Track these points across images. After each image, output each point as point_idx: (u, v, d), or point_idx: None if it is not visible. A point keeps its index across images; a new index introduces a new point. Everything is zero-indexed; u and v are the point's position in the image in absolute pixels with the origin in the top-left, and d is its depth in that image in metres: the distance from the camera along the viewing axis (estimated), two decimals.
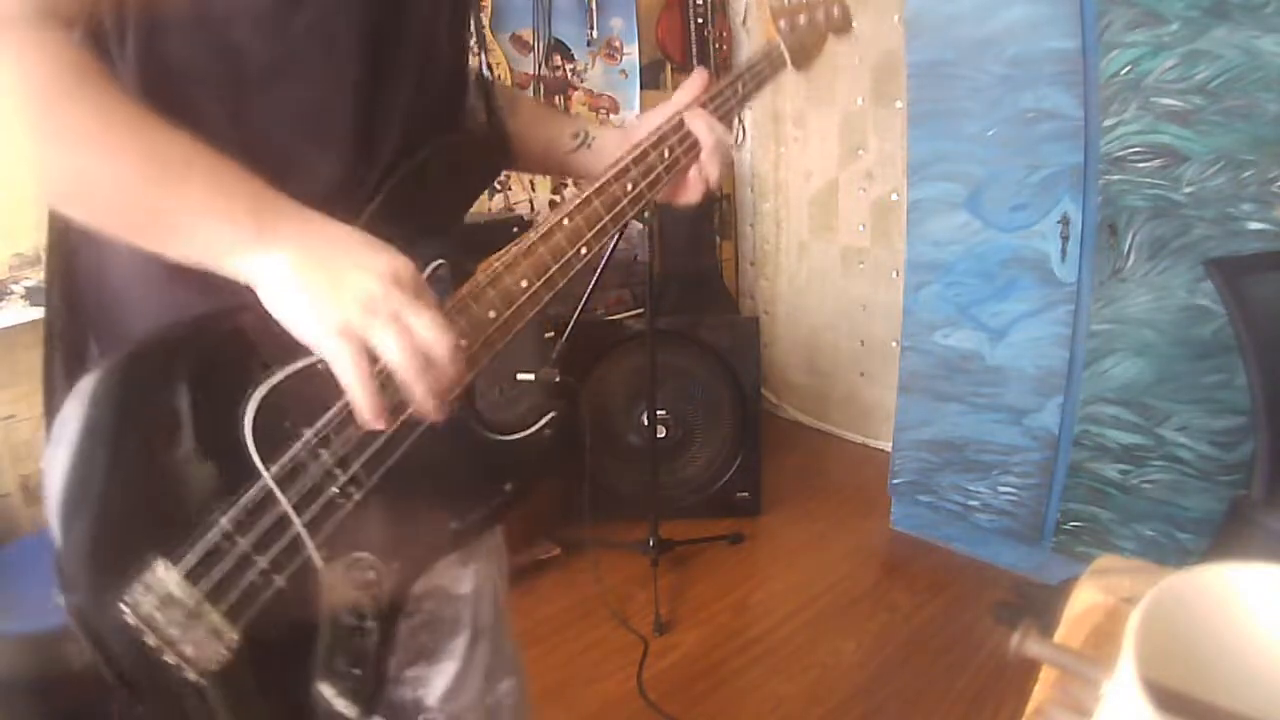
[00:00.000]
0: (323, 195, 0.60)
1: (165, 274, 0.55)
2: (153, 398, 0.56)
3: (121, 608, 0.54)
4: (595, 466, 2.32)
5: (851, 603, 2.12)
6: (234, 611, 0.57)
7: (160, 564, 0.55)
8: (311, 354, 0.55)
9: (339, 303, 0.52)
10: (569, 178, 0.83)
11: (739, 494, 2.49)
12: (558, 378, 0.75)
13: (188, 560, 0.55)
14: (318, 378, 0.56)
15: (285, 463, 0.58)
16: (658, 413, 2.22)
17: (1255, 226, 1.62)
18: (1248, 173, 1.61)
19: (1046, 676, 0.49)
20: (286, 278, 0.52)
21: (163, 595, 0.54)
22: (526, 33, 2.59)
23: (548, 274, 0.66)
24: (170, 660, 0.55)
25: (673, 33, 2.97)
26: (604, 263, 1.95)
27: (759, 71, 0.85)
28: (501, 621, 0.86)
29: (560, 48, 2.70)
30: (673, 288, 2.73)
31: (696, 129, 0.76)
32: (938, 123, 2.10)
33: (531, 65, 2.62)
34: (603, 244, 0.71)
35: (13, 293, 1.79)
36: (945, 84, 2.05)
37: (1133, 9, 1.67)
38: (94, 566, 0.54)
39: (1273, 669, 0.38)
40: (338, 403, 0.59)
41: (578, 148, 0.85)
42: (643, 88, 2.91)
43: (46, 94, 0.50)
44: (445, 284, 0.64)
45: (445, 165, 0.69)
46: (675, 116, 0.76)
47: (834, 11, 0.90)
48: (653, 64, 2.97)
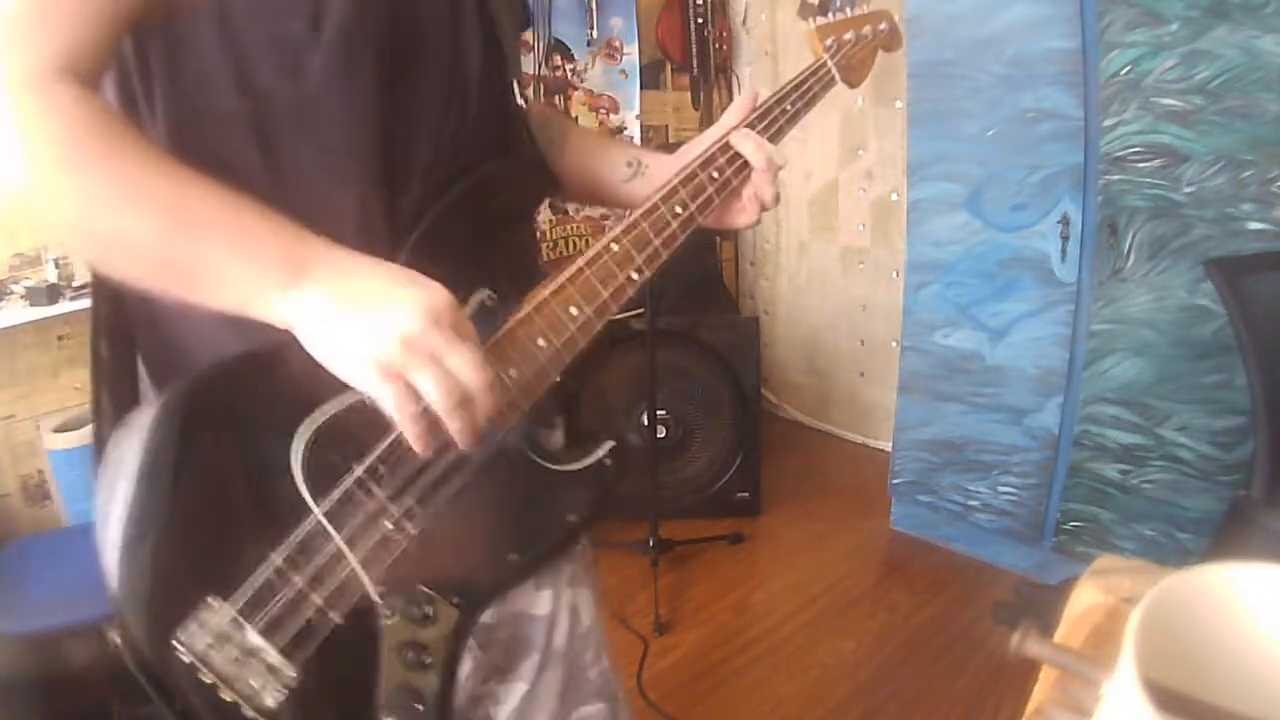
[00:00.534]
0: (360, 231, 0.59)
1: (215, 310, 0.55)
2: (211, 434, 0.56)
3: (176, 646, 0.53)
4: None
5: (851, 603, 2.12)
6: (291, 649, 0.56)
7: (214, 601, 0.54)
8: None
9: (377, 343, 0.52)
10: (621, 209, 0.83)
11: (739, 494, 2.49)
12: (557, 378, 0.75)
13: (240, 596, 0.55)
14: (368, 412, 0.56)
15: (335, 497, 0.58)
16: (658, 413, 2.22)
17: (1255, 226, 1.62)
18: (1248, 173, 1.61)
19: (1046, 676, 0.49)
20: (323, 321, 0.52)
21: (217, 633, 0.54)
22: (526, 33, 2.59)
23: (599, 300, 0.66)
24: (228, 699, 0.54)
25: (673, 33, 2.97)
26: None
27: (808, 89, 0.84)
28: (587, 649, 0.83)
29: (560, 48, 2.70)
30: (673, 288, 2.72)
31: (745, 149, 0.76)
32: (938, 123, 2.11)
33: (531, 65, 2.62)
34: (655, 269, 0.70)
35: (13, 293, 1.79)
36: (945, 84, 2.05)
37: (1133, 9, 1.67)
38: (150, 603, 0.54)
39: (1273, 669, 0.38)
40: (387, 436, 0.59)
41: (632, 177, 0.83)
42: (643, 88, 2.91)
43: (77, 152, 0.50)
44: (492, 314, 0.64)
45: (487, 193, 0.68)
46: (723, 139, 0.76)
47: (882, 28, 0.90)
48: (653, 64, 2.97)
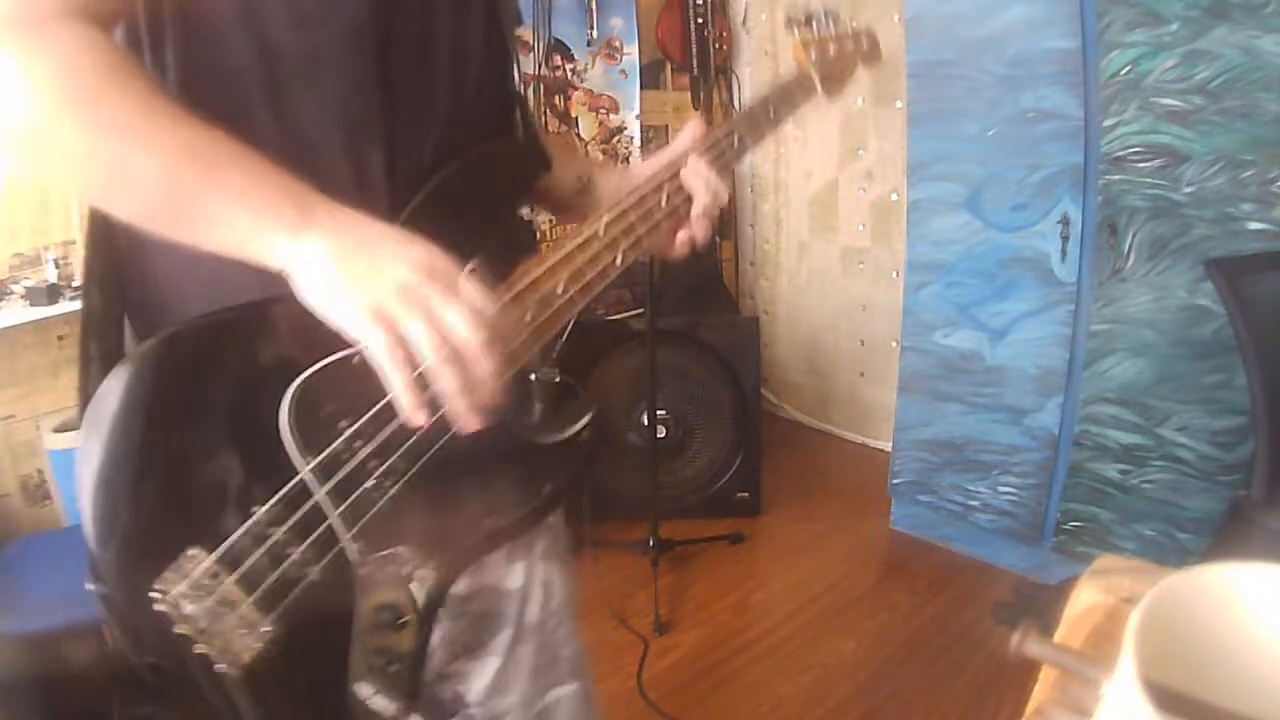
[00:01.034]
0: (358, 193, 0.60)
1: (207, 267, 0.55)
2: (190, 383, 0.56)
3: (152, 595, 0.53)
4: (595, 466, 2.32)
5: (851, 603, 2.12)
6: (266, 602, 0.55)
7: (192, 551, 0.54)
8: (351, 346, 0.55)
9: (374, 289, 0.52)
10: (568, 221, 0.84)
11: (739, 494, 2.49)
12: (558, 377, 0.75)
13: (220, 548, 0.54)
14: (358, 370, 0.56)
15: (323, 453, 0.57)
16: (658, 413, 2.22)
17: (1255, 226, 1.62)
18: (1248, 173, 1.61)
19: (1046, 676, 0.49)
20: (324, 264, 0.53)
21: (194, 583, 0.53)
22: (526, 33, 2.59)
23: (585, 279, 0.67)
24: (201, 650, 0.54)
25: (673, 33, 2.97)
26: None
27: (790, 96, 0.85)
28: (561, 626, 0.84)
29: (560, 48, 2.70)
30: (673, 288, 2.73)
31: (693, 186, 0.76)
32: (938, 123, 2.10)
33: (531, 65, 2.62)
34: (637, 254, 0.72)
35: (13, 293, 1.79)
36: (945, 84, 2.05)
37: (1133, 9, 1.67)
38: (125, 552, 0.53)
39: (1273, 669, 0.38)
40: (377, 394, 0.58)
41: (579, 193, 0.85)
42: (643, 88, 2.91)
43: (88, 87, 0.51)
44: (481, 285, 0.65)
45: (484, 169, 0.69)
46: (675, 166, 0.76)
47: (863, 42, 0.92)
48: (653, 64, 2.97)
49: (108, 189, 0.55)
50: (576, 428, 0.72)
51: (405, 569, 0.62)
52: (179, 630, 0.53)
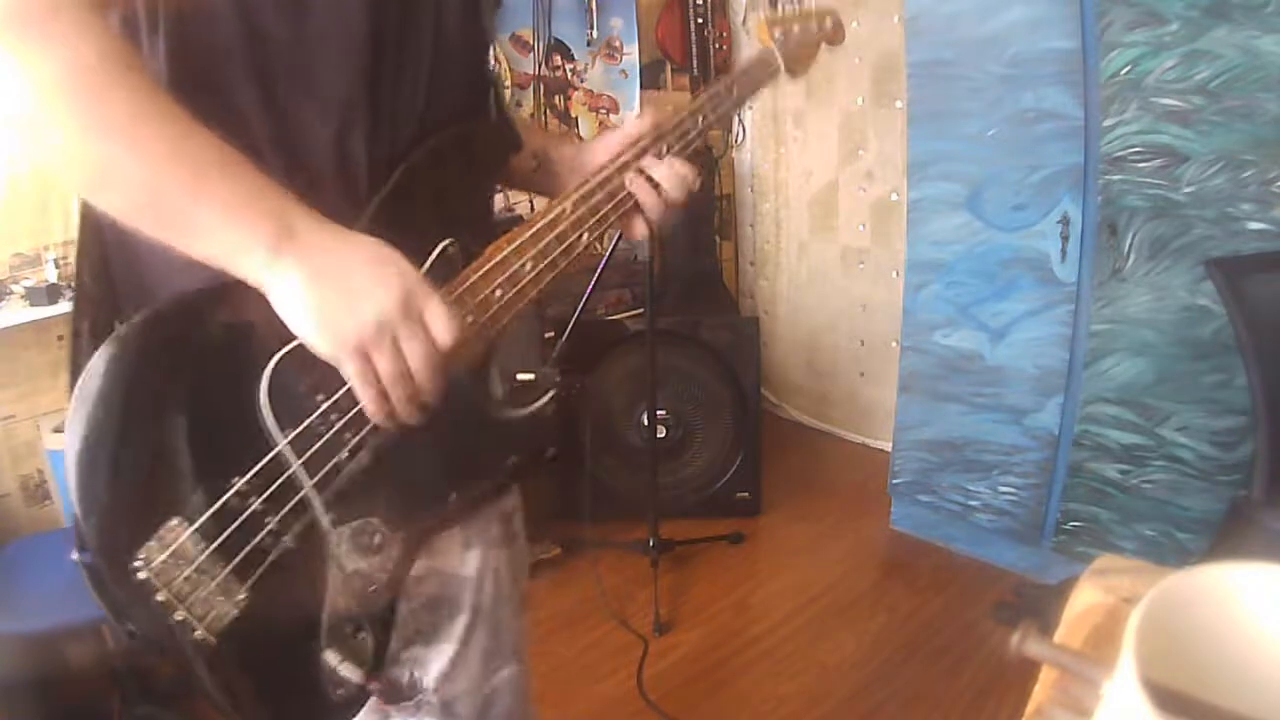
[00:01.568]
0: (339, 174, 0.63)
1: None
2: (171, 359, 0.58)
3: (134, 563, 0.55)
4: (595, 466, 2.32)
5: (851, 603, 2.12)
6: (242, 570, 0.58)
7: (173, 520, 0.56)
8: None
9: (349, 322, 0.56)
10: (532, 194, 0.88)
11: (739, 494, 2.49)
12: (558, 378, 0.76)
13: (200, 518, 0.57)
14: None
15: (299, 425, 0.60)
16: (658, 413, 2.22)
17: (1255, 226, 1.62)
18: (1248, 173, 1.61)
19: (1046, 676, 0.49)
20: (300, 290, 0.55)
21: (174, 551, 0.56)
22: (526, 33, 2.59)
23: (550, 257, 0.70)
24: (180, 617, 0.56)
25: (672, 33, 2.97)
26: (604, 262, 1.95)
27: (754, 76, 0.88)
28: (506, 609, 0.86)
29: (560, 48, 2.70)
30: (673, 288, 2.73)
31: (638, 190, 0.77)
32: (938, 123, 2.10)
33: (531, 65, 2.62)
34: (602, 233, 0.75)
35: (13, 293, 1.79)
36: (945, 84, 2.05)
37: (1133, 9, 1.67)
38: (108, 522, 0.56)
39: (1273, 669, 0.38)
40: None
41: (536, 169, 0.87)
42: (643, 88, 2.91)
43: (88, 82, 0.52)
44: (454, 262, 0.67)
45: (459, 151, 0.71)
46: (631, 157, 0.77)
47: (826, 23, 0.95)
48: (653, 64, 2.97)
49: (94, 186, 0.56)
50: (540, 403, 0.75)
51: (375, 538, 0.65)
52: (159, 598, 0.56)
